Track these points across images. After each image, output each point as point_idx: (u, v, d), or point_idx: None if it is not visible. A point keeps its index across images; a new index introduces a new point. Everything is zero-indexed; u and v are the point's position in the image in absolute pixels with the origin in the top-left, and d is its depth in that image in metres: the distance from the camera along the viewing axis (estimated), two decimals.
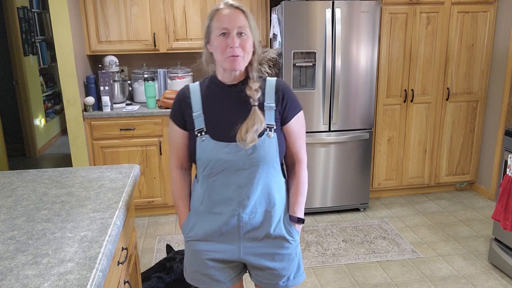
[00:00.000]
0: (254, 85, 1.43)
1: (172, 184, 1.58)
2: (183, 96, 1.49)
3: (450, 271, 2.75)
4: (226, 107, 1.45)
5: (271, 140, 1.42)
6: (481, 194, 3.97)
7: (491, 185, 3.84)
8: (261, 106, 1.44)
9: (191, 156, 1.50)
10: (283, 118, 1.47)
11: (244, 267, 1.61)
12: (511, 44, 3.51)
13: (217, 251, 1.49)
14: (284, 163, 1.57)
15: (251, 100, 1.42)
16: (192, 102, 1.47)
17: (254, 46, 1.42)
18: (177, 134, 1.51)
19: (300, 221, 1.56)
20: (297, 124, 1.51)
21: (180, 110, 1.49)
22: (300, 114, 1.52)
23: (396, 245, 3.08)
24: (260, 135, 1.40)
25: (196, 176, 1.53)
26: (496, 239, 2.76)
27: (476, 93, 3.80)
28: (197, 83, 1.52)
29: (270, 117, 1.43)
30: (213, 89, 1.48)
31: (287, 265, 1.52)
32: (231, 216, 1.45)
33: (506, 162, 2.60)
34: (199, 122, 1.44)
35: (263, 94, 1.45)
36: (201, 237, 1.50)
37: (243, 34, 1.37)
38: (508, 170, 2.51)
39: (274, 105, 1.45)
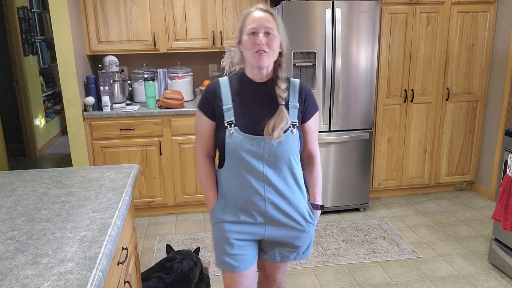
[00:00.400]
0: (283, 85, 1.58)
1: (199, 171, 1.70)
2: (214, 89, 1.61)
3: (450, 271, 2.75)
4: (254, 103, 1.59)
5: (294, 136, 1.58)
6: (481, 194, 3.97)
7: (491, 185, 3.84)
8: (286, 105, 1.58)
9: (218, 147, 1.63)
10: (303, 116, 1.63)
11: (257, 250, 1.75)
12: (511, 44, 3.51)
13: (245, 232, 1.63)
14: (300, 157, 1.70)
15: (279, 98, 1.56)
16: (222, 96, 1.59)
17: (281, 47, 1.57)
18: (206, 124, 1.63)
19: (321, 207, 1.73)
20: (314, 123, 1.67)
21: (210, 102, 1.61)
22: (317, 114, 1.68)
23: (396, 245, 3.08)
24: (285, 131, 1.55)
25: (222, 164, 1.63)
26: (496, 239, 2.76)
27: (476, 93, 3.80)
28: (226, 78, 1.65)
29: (293, 115, 1.59)
30: (242, 85, 1.61)
31: (303, 244, 1.71)
32: (258, 201, 1.59)
33: (506, 162, 2.60)
34: (229, 115, 1.57)
35: (288, 94, 1.60)
36: (230, 219, 1.63)
37: (270, 34, 1.52)
38: (508, 170, 2.51)
39: (297, 104, 1.61)
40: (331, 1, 3.20)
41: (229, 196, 1.63)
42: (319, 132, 3.41)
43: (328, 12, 3.20)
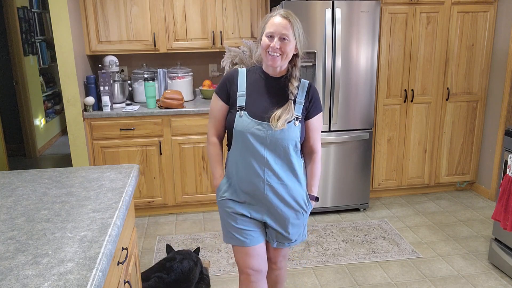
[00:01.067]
0: (295, 82, 1.78)
1: (210, 149, 1.90)
2: (232, 77, 1.82)
3: (450, 271, 2.75)
4: (266, 94, 1.78)
5: (296, 128, 1.76)
6: (481, 194, 3.97)
7: (491, 185, 3.84)
8: (294, 100, 1.77)
9: (227, 128, 1.82)
10: (307, 114, 1.81)
11: (265, 232, 1.91)
12: (511, 44, 3.51)
13: (245, 210, 1.81)
14: (302, 152, 1.88)
15: (290, 93, 1.75)
16: (239, 83, 1.80)
17: (296, 49, 1.77)
18: (220, 107, 1.83)
19: (317, 199, 1.90)
20: (317, 121, 1.84)
21: (227, 87, 1.81)
22: (320, 114, 1.86)
23: (396, 245, 3.08)
24: (288, 122, 1.73)
25: (230, 147, 1.83)
26: (496, 239, 2.76)
27: (476, 93, 3.80)
28: (245, 69, 1.85)
29: (298, 110, 1.77)
30: (258, 77, 1.81)
31: (296, 231, 1.87)
32: (259, 182, 1.76)
33: (506, 162, 2.60)
34: (241, 100, 1.76)
35: (297, 91, 1.79)
36: (233, 197, 1.82)
37: (285, 39, 1.70)
38: (508, 170, 2.51)
39: (303, 101, 1.79)
40: (331, 1, 3.20)
41: (233, 176, 1.81)
42: None
43: (328, 12, 3.20)
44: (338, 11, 3.19)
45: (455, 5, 3.57)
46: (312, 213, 3.59)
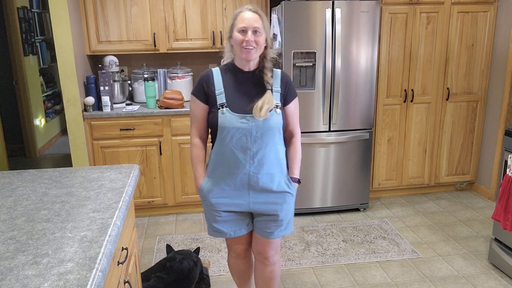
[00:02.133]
0: (269, 73, 1.86)
1: (192, 150, 1.96)
2: (207, 77, 1.87)
3: (450, 271, 2.75)
4: (243, 88, 1.85)
5: (278, 115, 1.84)
6: (481, 194, 3.97)
7: (491, 185, 3.84)
8: (271, 90, 1.84)
9: (211, 127, 1.87)
10: (285, 100, 1.89)
11: (251, 220, 2.00)
12: (511, 44, 3.51)
13: (230, 204, 1.89)
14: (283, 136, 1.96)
15: (266, 84, 1.83)
16: (215, 82, 1.86)
17: (266, 42, 1.82)
18: (199, 108, 1.88)
19: (298, 181, 1.96)
20: (294, 106, 1.93)
21: (204, 88, 1.86)
22: (296, 99, 1.95)
23: (396, 245, 3.08)
24: (270, 110, 1.80)
25: (213, 146, 1.88)
26: (496, 239, 2.76)
27: (476, 93, 3.80)
28: (218, 68, 1.90)
29: (277, 98, 1.86)
30: (232, 73, 1.88)
31: (285, 213, 1.92)
32: (243, 174, 1.83)
33: (506, 162, 2.60)
34: (221, 98, 1.83)
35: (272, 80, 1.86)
36: (218, 194, 1.88)
37: (257, 32, 1.77)
38: (508, 170, 2.51)
39: (280, 89, 1.88)
40: (331, 1, 3.20)
41: (217, 172, 1.88)
42: (319, 132, 3.41)
43: (328, 12, 3.20)
44: (338, 11, 3.19)
45: (455, 5, 3.57)
46: (312, 213, 3.60)
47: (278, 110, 1.84)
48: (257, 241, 2.02)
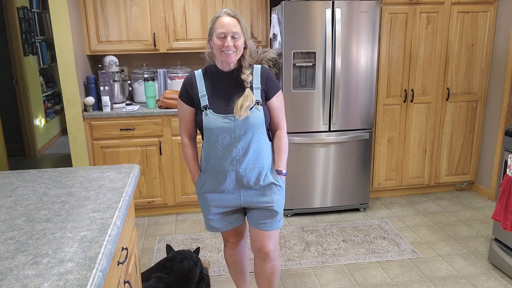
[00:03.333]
0: (246, 71, 1.91)
1: (184, 150, 2.03)
2: (190, 80, 1.94)
3: (450, 271, 2.75)
4: (224, 89, 1.91)
5: (259, 112, 1.89)
6: (481, 194, 3.97)
7: (491, 185, 3.84)
8: (251, 87, 1.90)
9: (198, 128, 1.95)
10: (267, 95, 1.94)
11: (244, 214, 2.10)
12: (511, 44, 3.51)
13: (222, 199, 1.96)
14: (269, 130, 2.03)
15: (244, 83, 1.88)
16: (198, 85, 1.92)
17: (245, 43, 1.88)
18: (186, 110, 1.95)
19: (283, 174, 2.01)
20: (277, 100, 1.97)
21: (188, 91, 1.93)
22: (279, 93, 1.98)
23: (396, 245, 3.08)
24: (250, 108, 1.86)
25: (203, 144, 1.96)
26: (496, 239, 2.76)
27: (476, 93, 3.80)
28: (200, 70, 1.96)
29: (257, 95, 1.91)
30: (214, 75, 1.93)
31: (276, 204, 1.98)
32: (231, 171, 1.90)
33: (506, 162, 2.60)
34: (204, 100, 1.89)
35: (252, 78, 1.91)
36: (210, 189, 1.96)
37: (236, 36, 1.83)
38: (508, 170, 2.51)
39: (260, 85, 1.92)
40: (331, 1, 3.20)
41: (207, 170, 1.95)
42: (319, 132, 3.41)
43: (328, 12, 3.20)
44: (338, 11, 3.19)
45: (455, 5, 3.57)
46: (312, 213, 3.60)
47: (259, 107, 1.89)
48: (255, 237, 2.06)
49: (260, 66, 1.98)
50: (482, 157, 3.94)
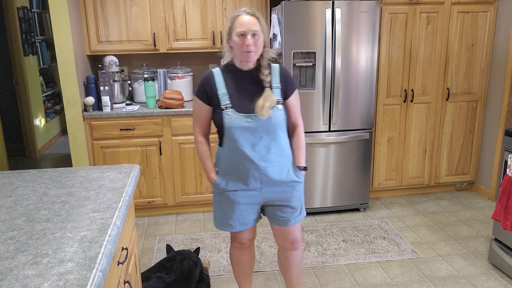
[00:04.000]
0: (265, 71, 1.90)
1: (199, 147, 2.01)
2: (209, 79, 1.91)
3: (450, 271, 2.75)
4: (244, 88, 1.90)
5: (280, 111, 1.92)
6: (481, 194, 3.97)
7: (491, 185, 3.84)
8: (270, 86, 1.90)
9: (217, 126, 1.94)
10: (285, 94, 1.95)
11: (259, 214, 2.10)
12: (511, 44, 3.51)
13: (246, 197, 1.97)
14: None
15: (264, 82, 1.88)
16: (217, 84, 1.90)
17: (264, 42, 1.88)
18: (203, 108, 1.93)
19: (305, 168, 2.04)
20: (295, 99, 2.00)
21: (206, 90, 1.90)
22: (296, 92, 2.01)
23: (396, 245, 3.08)
24: (272, 108, 1.87)
25: (221, 143, 1.95)
26: (496, 239, 2.76)
27: (476, 93, 3.80)
28: (218, 68, 1.94)
29: (277, 94, 1.92)
30: (233, 73, 1.92)
31: (296, 200, 2.02)
32: (254, 169, 1.90)
33: (506, 162, 2.60)
34: (224, 99, 1.88)
35: (271, 77, 1.92)
36: (235, 188, 1.95)
37: (256, 35, 1.83)
38: (508, 170, 2.51)
39: (279, 85, 1.93)
40: (331, 1, 3.20)
41: (229, 169, 1.94)
42: (319, 132, 3.41)
43: (328, 12, 3.20)
44: (338, 11, 3.19)
45: (455, 5, 3.57)
46: (312, 213, 3.59)
47: (280, 106, 1.91)
48: (281, 233, 2.11)
49: (278, 65, 1.98)
50: (482, 157, 3.94)
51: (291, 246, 2.14)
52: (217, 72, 1.92)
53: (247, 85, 1.90)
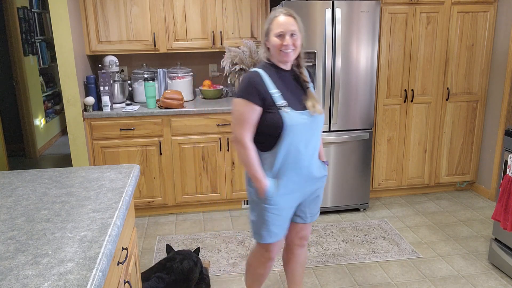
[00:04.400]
0: (305, 71, 1.98)
1: (249, 153, 1.87)
2: (258, 80, 1.85)
3: (450, 271, 2.75)
4: (289, 87, 1.92)
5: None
6: (481, 194, 3.97)
7: (491, 185, 3.84)
8: (309, 87, 1.98)
9: (270, 128, 1.86)
10: None
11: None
12: (511, 44, 3.51)
13: (291, 199, 1.96)
14: None
15: (304, 82, 1.95)
16: (267, 84, 1.86)
17: (301, 41, 1.92)
18: (255, 111, 1.84)
19: (327, 163, 2.13)
20: None
21: (258, 89, 1.84)
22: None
23: (396, 245, 3.08)
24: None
25: (268, 147, 1.89)
26: (496, 239, 2.76)
27: (476, 93, 3.80)
28: (259, 69, 1.90)
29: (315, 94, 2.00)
30: (276, 73, 1.91)
31: (321, 193, 2.12)
32: (304, 168, 1.92)
33: (506, 162, 2.60)
34: (278, 98, 1.85)
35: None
36: (283, 193, 1.91)
37: (294, 35, 1.87)
38: (508, 170, 2.51)
39: (311, 84, 2.01)
40: (331, 1, 3.20)
41: (284, 171, 1.89)
42: None
43: (328, 12, 3.20)
44: (338, 11, 3.19)
45: (455, 5, 3.57)
46: None
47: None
48: (293, 230, 2.15)
49: (304, 67, 2.04)
50: (482, 157, 3.94)
51: (299, 242, 2.18)
52: (261, 72, 1.87)
53: (291, 83, 1.93)
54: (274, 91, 1.84)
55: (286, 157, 1.87)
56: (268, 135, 1.87)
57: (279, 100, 1.84)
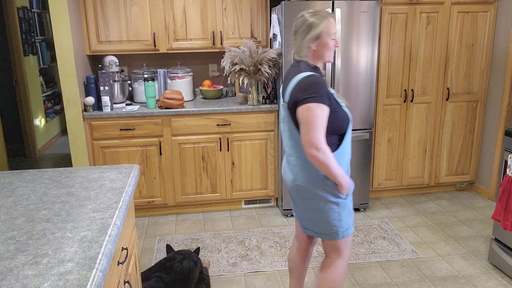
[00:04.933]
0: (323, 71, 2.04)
1: (328, 157, 1.81)
2: (322, 82, 1.88)
3: (450, 271, 2.75)
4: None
5: None
6: (481, 194, 3.97)
7: (491, 185, 3.84)
8: None
9: (338, 127, 1.90)
10: None
11: None
12: (511, 44, 3.51)
13: (351, 194, 2.10)
14: None
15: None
16: (327, 85, 1.96)
17: None
18: (327, 114, 1.83)
19: None
20: None
21: (328, 92, 1.87)
22: None
23: (396, 245, 3.08)
24: None
25: (337, 146, 1.92)
26: (496, 239, 2.76)
27: (476, 93, 3.80)
28: (312, 72, 1.89)
29: None
30: (321, 74, 1.96)
31: None
32: (349, 162, 2.03)
33: (506, 162, 2.60)
34: (338, 98, 1.94)
35: None
36: (352, 187, 2.06)
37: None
38: (508, 170, 2.51)
39: None
40: (331, 1, 3.20)
41: (345, 169, 1.98)
42: None
43: None
44: (338, 11, 3.19)
45: (455, 5, 3.57)
46: None
47: None
48: None
49: None
50: (482, 157, 3.94)
51: (312, 240, 2.27)
52: (317, 74, 1.91)
53: None
54: (333, 91, 1.94)
55: (347, 153, 1.98)
56: (333, 135, 1.90)
57: (339, 99, 1.93)
